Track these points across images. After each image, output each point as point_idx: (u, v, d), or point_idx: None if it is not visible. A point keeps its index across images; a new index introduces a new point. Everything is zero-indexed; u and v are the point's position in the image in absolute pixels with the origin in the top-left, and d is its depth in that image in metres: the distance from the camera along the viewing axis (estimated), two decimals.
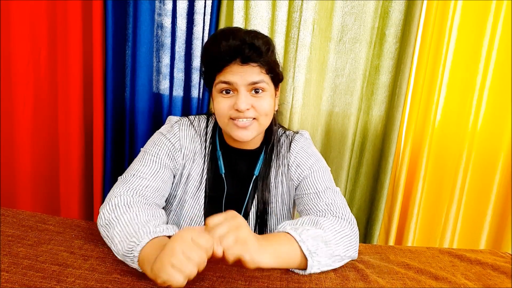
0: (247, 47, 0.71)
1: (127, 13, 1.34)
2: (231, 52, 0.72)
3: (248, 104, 0.74)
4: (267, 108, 0.77)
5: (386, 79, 1.38)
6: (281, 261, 0.62)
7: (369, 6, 1.32)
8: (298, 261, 0.65)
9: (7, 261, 0.60)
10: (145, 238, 0.58)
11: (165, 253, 0.51)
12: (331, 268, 0.68)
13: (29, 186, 1.44)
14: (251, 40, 0.72)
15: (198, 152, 0.85)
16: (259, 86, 0.75)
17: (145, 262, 0.56)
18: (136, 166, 0.77)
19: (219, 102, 0.77)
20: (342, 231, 0.70)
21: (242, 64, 0.73)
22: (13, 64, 1.34)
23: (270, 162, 0.86)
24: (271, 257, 0.60)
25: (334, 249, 0.67)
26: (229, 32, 0.74)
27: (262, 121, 0.78)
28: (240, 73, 0.73)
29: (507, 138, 1.40)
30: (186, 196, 0.84)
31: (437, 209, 1.50)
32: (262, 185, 0.85)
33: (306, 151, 0.88)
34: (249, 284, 0.60)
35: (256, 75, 0.74)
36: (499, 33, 1.32)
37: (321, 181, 0.82)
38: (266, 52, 0.75)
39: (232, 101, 0.75)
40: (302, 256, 0.64)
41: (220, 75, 0.75)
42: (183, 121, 0.86)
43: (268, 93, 0.78)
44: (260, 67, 0.75)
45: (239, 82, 0.74)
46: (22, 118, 1.38)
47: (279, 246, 0.63)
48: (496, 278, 0.70)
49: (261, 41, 0.74)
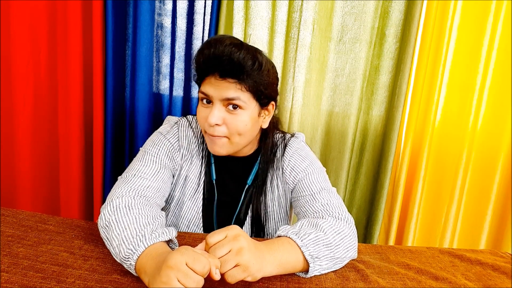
0: (226, 61, 0.67)
1: (127, 13, 1.34)
2: (210, 64, 0.69)
3: (219, 118, 0.71)
4: (240, 126, 0.73)
5: (386, 79, 1.38)
6: (284, 269, 0.63)
7: (369, 6, 1.32)
8: (301, 266, 0.65)
9: (7, 261, 0.60)
10: (141, 246, 0.58)
11: (160, 278, 0.50)
12: (332, 270, 0.69)
13: (29, 186, 1.44)
14: (231, 54, 0.67)
15: (195, 154, 0.84)
16: (234, 103, 0.71)
17: (141, 272, 0.57)
18: (136, 166, 0.76)
19: (199, 110, 0.76)
20: (341, 232, 0.70)
21: (220, 78, 0.69)
22: (13, 64, 1.34)
23: (266, 171, 0.85)
24: (274, 267, 0.61)
25: (335, 251, 0.67)
26: (215, 41, 0.69)
27: (234, 139, 0.74)
28: (217, 86, 0.70)
29: (507, 138, 1.40)
30: (185, 198, 0.84)
31: (437, 209, 1.50)
32: (257, 192, 0.85)
33: (300, 154, 0.87)
34: (249, 285, 0.60)
35: (232, 92, 0.70)
36: (499, 33, 1.33)
37: (316, 182, 0.82)
38: (251, 70, 0.69)
39: (208, 113, 0.73)
40: (304, 261, 0.64)
41: (202, 84, 0.74)
42: (182, 121, 0.86)
43: (246, 112, 0.72)
44: (240, 84, 0.69)
45: (214, 95, 0.71)
46: (22, 118, 1.38)
47: (282, 255, 0.63)
48: (496, 279, 0.70)
49: (247, 57, 0.68)
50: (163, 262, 0.52)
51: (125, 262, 0.59)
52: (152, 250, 0.59)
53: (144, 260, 0.57)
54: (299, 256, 0.64)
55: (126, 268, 0.60)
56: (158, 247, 0.59)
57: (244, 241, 0.57)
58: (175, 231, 0.65)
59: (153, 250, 0.58)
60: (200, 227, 0.84)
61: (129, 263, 0.58)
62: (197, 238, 0.76)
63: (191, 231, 0.84)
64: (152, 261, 0.56)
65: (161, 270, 0.51)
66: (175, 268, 0.49)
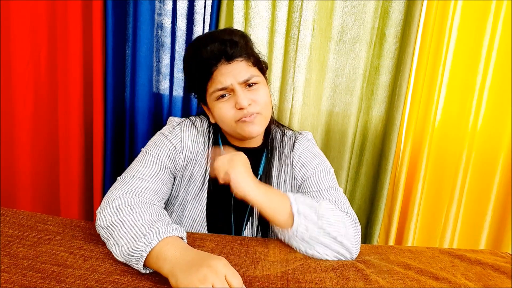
0: (227, 45, 0.73)
1: (127, 13, 1.34)
2: (214, 55, 0.73)
3: (248, 99, 0.76)
4: (265, 98, 0.79)
5: (386, 79, 1.38)
6: (269, 204, 0.68)
7: (369, 6, 1.32)
8: (286, 216, 0.68)
9: (7, 261, 0.60)
10: (155, 239, 0.58)
11: (197, 274, 0.51)
12: (320, 244, 0.69)
13: (29, 186, 1.44)
14: (229, 37, 0.74)
15: (200, 153, 0.84)
16: (251, 81, 0.77)
17: (159, 259, 0.57)
18: (136, 167, 0.76)
19: (220, 108, 0.77)
20: (339, 217, 0.72)
21: (228, 62, 0.74)
22: (13, 64, 1.34)
23: (271, 160, 0.87)
24: (259, 193, 0.67)
25: (326, 225, 0.69)
26: (204, 38, 0.76)
27: (264, 113, 0.80)
28: (229, 72, 0.74)
29: (507, 138, 1.40)
30: (188, 197, 0.83)
31: (437, 209, 1.50)
32: (265, 183, 0.85)
33: (311, 151, 0.88)
34: (249, 284, 0.60)
35: (244, 72, 0.76)
36: (499, 33, 1.32)
37: (324, 180, 0.83)
38: (246, 45, 0.77)
39: (232, 102, 0.76)
40: (290, 214, 0.68)
41: (212, 83, 0.76)
42: (185, 122, 0.86)
43: (261, 85, 0.80)
44: (246, 60, 0.76)
45: (233, 82, 0.75)
46: (22, 118, 1.38)
47: (272, 193, 0.69)
48: (496, 279, 0.70)
49: (238, 36, 0.76)
50: (199, 259, 0.54)
51: (135, 255, 0.58)
52: (171, 240, 0.59)
53: (165, 249, 0.57)
54: (287, 207, 0.69)
55: (132, 262, 0.60)
56: (176, 240, 0.60)
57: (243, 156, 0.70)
58: (184, 231, 0.65)
59: (173, 241, 0.59)
60: (204, 227, 0.84)
61: (139, 255, 0.58)
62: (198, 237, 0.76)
63: (195, 231, 0.84)
64: (175, 250, 0.57)
65: (201, 267, 0.52)
66: (215, 274, 0.51)
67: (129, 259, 0.60)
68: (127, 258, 0.60)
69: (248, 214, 0.86)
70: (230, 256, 0.69)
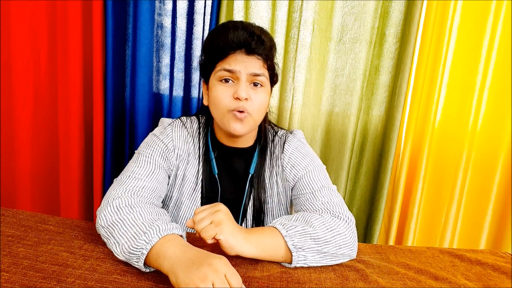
0: (254, 39, 0.74)
1: (127, 13, 1.34)
2: (238, 41, 0.74)
3: (247, 93, 0.76)
4: (262, 103, 0.79)
5: (386, 79, 1.38)
6: (264, 252, 0.66)
7: (369, 6, 1.32)
8: (283, 254, 0.66)
9: (7, 261, 0.60)
10: (155, 237, 0.59)
11: (198, 272, 0.51)
12: (322, 265, 0.69)
13: (29, 186, 1.44)
14: (259, 33, 0.75)
15: (192, 153, 0.85)
16: (259, 79, 0.77)
17: (159, 256, 0.57)
18: (131, 168, 0.77)
19: (219, 90, 0.77)
20: (334, 229, 0.71)
21: (247, 54, 0.75)
22: (13, 64, 1.34)
23: (263, 161, 0.87)
24: (252, 247, 0.64)
25: (324, 246, 0.68)
26: (239, 23, 0.77)
27: (255, 116, 0.79)
28: (244, 62, 0.75)
29: (507, 138, 1.40)
30: (183, 198, 0.84)
31: (437, 209, 1.50)
32: (257, 184, 0.86)
33: (300, 151, 0.88)
34: (249, 284, 0.60)
35: (258, 68, 0.76)
36: (499, 33, 1.33)
37: (316, 180, 0.83)
38: (270, 49, 0.78)
39: (232, 90, 0.76)
40: (287, 250, 0.66)
41: (223, 63, 0.76)
42: (175, 122, 0.87)
43: (265, 89, 0.80)
44: (263, 61, 0.77)
45: (242, 70, 0.75)
46: (22, 118, 1.38)
47: (263, 238, 0.66)
48: (496, 279, 0.70)
49: (267, 38, 0.77)
50: (200, 257, 0.54)
51: (135, 253, 0.59)
52: (171, 238, 0.59)
53: (165, 246, 0.57)
54: (282, 244, 0.66)
55: (133, 261, 0.60)
56: (177, 238, 0.60)
57: (223, 207, 0.64)
58: (183, 230, 0.65)
59: (174, 238, 0.59)
60: None
61: (140, 253, 0.58)
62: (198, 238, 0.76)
63: (191, 231, 0.84)
64: (175, 247, 0.57)
65: (201, 265, 0.52)
66: (216, 272, 0.51)
67: (130, 257, 0.60)
68: (128, 257, 0.60)
69: (241, 214, 0.86)
70: (230, 256, 0.69)
